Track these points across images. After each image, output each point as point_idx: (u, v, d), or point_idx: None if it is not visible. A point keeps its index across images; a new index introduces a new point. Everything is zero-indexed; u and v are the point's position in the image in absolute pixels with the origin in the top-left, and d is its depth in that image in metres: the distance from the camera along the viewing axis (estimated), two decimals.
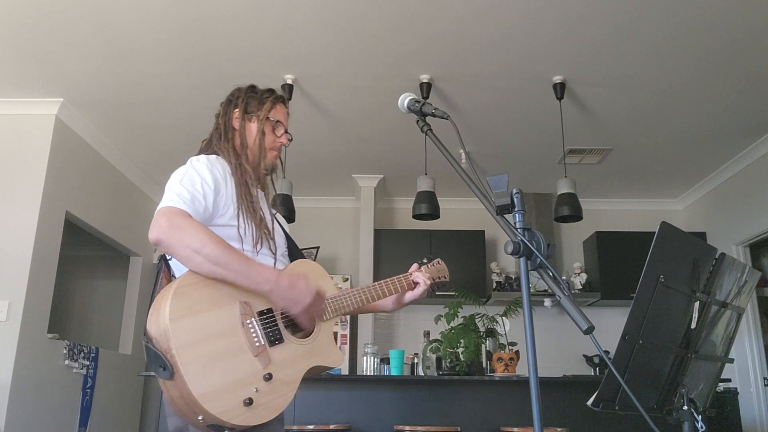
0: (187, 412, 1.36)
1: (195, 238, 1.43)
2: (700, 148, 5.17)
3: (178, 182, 1.55)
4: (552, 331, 5.93)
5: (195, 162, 1.60)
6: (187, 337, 1.36)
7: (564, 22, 3.52)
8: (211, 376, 1.35)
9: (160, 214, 1.47)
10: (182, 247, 1.43)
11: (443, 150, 1.53)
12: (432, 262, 2.00)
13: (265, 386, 1.42)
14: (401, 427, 3.26)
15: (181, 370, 1.32)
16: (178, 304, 1.38)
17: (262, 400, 1.40)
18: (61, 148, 4.59)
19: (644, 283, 1.50)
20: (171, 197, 1.51)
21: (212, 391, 1.34)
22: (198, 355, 1.35)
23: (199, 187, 1.54)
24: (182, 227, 1.45)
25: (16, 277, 4.17)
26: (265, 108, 1.78)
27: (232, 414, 1.35)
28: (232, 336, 1.43)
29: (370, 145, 5.23)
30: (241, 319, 1.46)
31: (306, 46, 3.78)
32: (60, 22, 3.54)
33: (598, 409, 1.50)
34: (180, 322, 1.36)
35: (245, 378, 1.40)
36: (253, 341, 1.45)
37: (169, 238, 1.43)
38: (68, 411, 4.68)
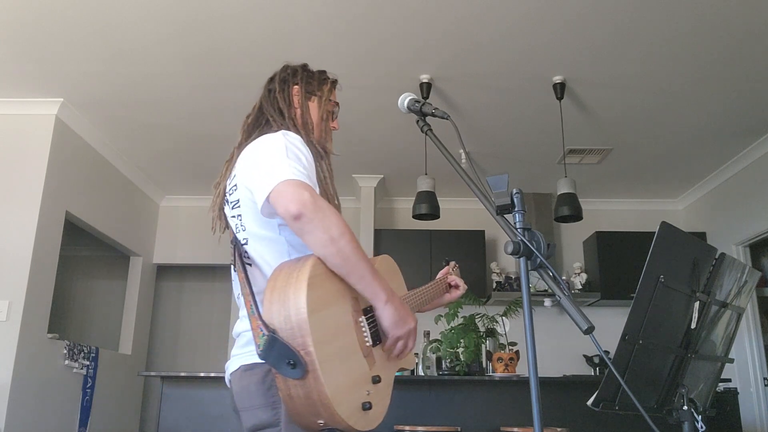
0: (306, 414, 1.24)
1: (336, 225, 1.31)
2: (700, 148, 5.17)
3: (284, 155, 1.38)
4: (552, 331, 5.93)
5: (290, 137, 1.45)
6: (322, 334, 1.22)
7: (564, 22, 3.52)
8: (340, 377, 1.25)
9: (299, 186, 1.31)
10: (322, 230, 1.29)
11: (443, 150, 1.53)
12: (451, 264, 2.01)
13: (374, 389, 1.34)
14: (401, 427, 3.26)
15: (318, 370, 1.19)
16: (313, 295, 1.24)
17: (374, 403, 1.32)
18: (61, 148, 4.59)
19: (644, 283, 1.50)
20: (291, 170, 1.34)
21: (341, 392, 1.23)
22: (330, 354, 1.24)
23: (306, 163, 1.40)
24: (324, 209, 1.31)
25: (16, 277, 4.17)
26: (326, 89, 1.69)
27: (355, 418, 1.25)
28: (348, 334, 1.32)
29: (370, 146, 5.23)
30: (354, 315, 1.36)
31: (306, 46, 3.78)
32: (60, 22, 3.54)
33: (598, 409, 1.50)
34: (315, 316, 1.22)
35: (360, 380, 1.31)
36: (364, 340, 1.36)
37: (314, 215, 1.29)
38: (68, 411, 4.68)
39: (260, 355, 1.24)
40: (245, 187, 1.44)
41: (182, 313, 6.87)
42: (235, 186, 1.49)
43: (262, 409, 1.33)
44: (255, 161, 1.42)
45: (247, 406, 1.37)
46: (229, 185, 1.53)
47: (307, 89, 1.67)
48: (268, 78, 1.73)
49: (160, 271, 6.54)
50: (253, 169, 1.42)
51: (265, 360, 1.24)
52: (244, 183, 1.45)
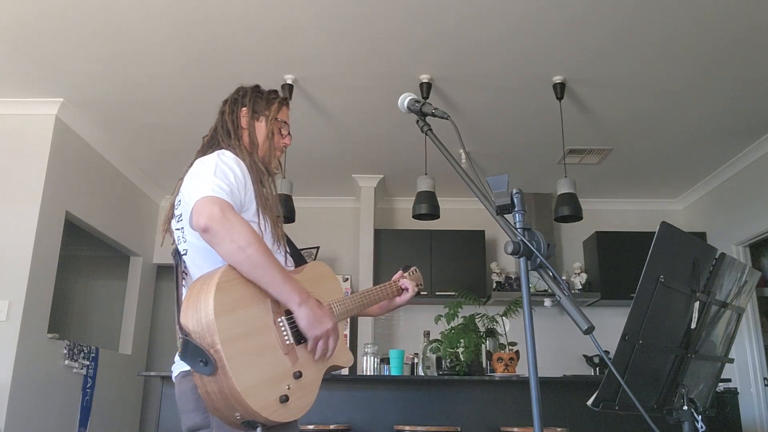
0: (223, 408, 1.35)
1: (243, 235, 1.42)
2: (700, 148, 5.17)
3: (212, 173, 1.52)
4: (552, 331, 5.93)
5: (222, 156, 1.59)
6: (230, 333, 1.34)
7: (564, 22, 3.52)
8: (252, 372, 1.35)
9: (210, 202, 1.44)
10: (230, 241, 1.41)
11: (443, 150, 1.53)
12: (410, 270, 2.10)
13: (295, 384, 1.44)
14: (401, 427, 3.26)
15: (226, 366, 1.30)
16: (221, 299, 1.36)
17: (293, 397, 1.42)
18: (61, 148, 4.59)
19: (644, 283, 1.50)
20: (212, 187, 1.48)
21: (253, 387, 1.34)
22: (240, 351, 1.35)
23: (232, 180, 1.53)
24: (232, 221, 1.43)
25: (16, 277, 4.17)
26: (273, 108, 1.81)
27: (270, 410, 1.36)
28: (266, 333, 1.44)
29: (370, 145, 5.23)
30: (273, 317, 1.47)
31: (306, 46, 3.78)
32: (60, 22, 3.54)
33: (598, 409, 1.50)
34: (223, 317, 1.35)
35: (279, 375, 1.41)
36: (284, 339, 1.47)
37: (219, 228, 1.41)
38: (68, 411, 4.69)
39: (179, 356, 1.37)
40: (186, 201, 1.58)
41: None
42: (179, 201, 1.64)
43: (195, 413, 1.47)
44: (190, 179, 1.57)
45: (184, 410, 1.51)
46: (176, 200, 1.67)
47: (254, 109, 1.79)
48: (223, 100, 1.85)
49: (160, 271, 6.54)
50: (187, 186, 1.57)
51: (183, 360, 1.37)
52: (184, 198, 1.60)
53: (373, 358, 4.07)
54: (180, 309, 1.42)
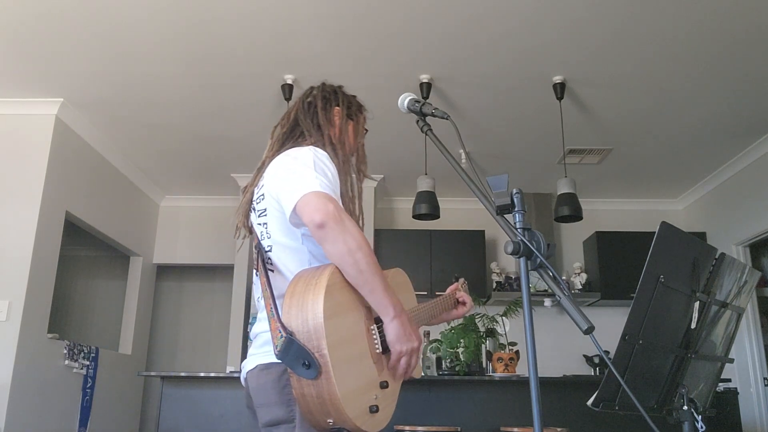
0: (317, 413, 1.31)
1: (355, 238, 1.37)
2: (700, 148, 5.17)
3: (312, 169, 1.46)
4: (552, 331, 5.93)
5: (318, 152, 1.53)
6: (335, 338, 1.31)
7: (564, 22, 3.52)
8: (351, 380, 1.33)
9: (323, 198, 1.39)
10: (342, 241, 1.36)
11: (443, 150, 1.53)
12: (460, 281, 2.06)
13: (382, 394, 1.41)
14: (401, 427, 3.26)
15: (330, 371, 1.27)
16: (329, 301, 1.32)
17: (380, 406, 1.39)
18: (61, 148, 4.59)
19: (644, 283, 1.50)
20: (319, 183, 1.42)
21: (351, 395, 1.31)
22: (342, 357, 1.32)
23: (331, 178, 1.48)
24: (346, 221, 1.38)
25: (16, 277, 4.17)
26: (363, 116, 1.83)
27: (363, 419, 1.32)
28: (360, 340, 1.41)
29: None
30: (366, 324, 1.44)
31: (306, 47, 3.78)
32: (60, 22, 3.54)
33: (598, 409, 1.50)
34: (330, 321, 1.31)
35: (369, 384, 1.39)
36: (374, 347, 1.44)
37: (335, 226, 1.36)
38: (68, 411, 4.69)
39: (278, 355, 1.32)
40: (273, 197, 1.51)
41: (182, 313, 6.87)
42: (262, 195, 1.56)
43: (278, 406, 1.40)
44: (285, 173, 1.49)
45: (264, 403, 1.44)
46: (257, 193, 1.60)
47: (347, 112, 1.78)
48: (304, 92, 1.81)
49: (160, 271, 6.54)
50: (282, 180, 1.49)
51: (281, 360, 1.32)
52: (272, 193, 1.51)
53: None
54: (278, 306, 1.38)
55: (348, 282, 1.39)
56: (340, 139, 1.70)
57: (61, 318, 6.41)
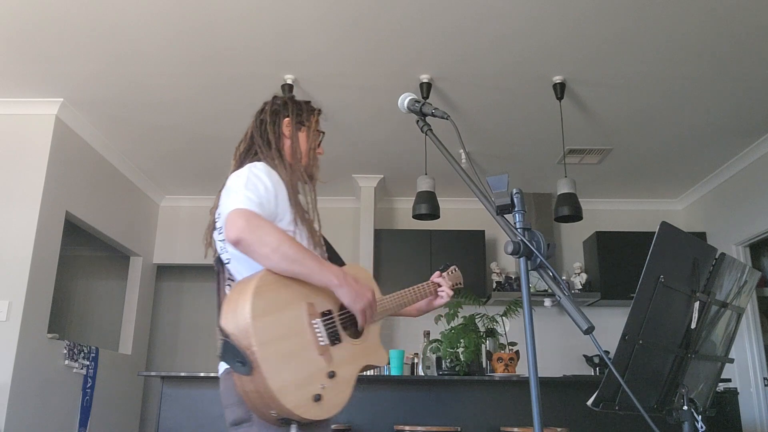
0: (260, 406, 1.43)
1: (272, 236, 1.49)
2: (700, 148, 5.17)
3: (243, 186, 1.59)
4: (552, 331, 5.93)
5: (254, 169, 1.65)
6: (266, 335, 1.42)
7: (564, 22, 3.52)
8: (286, 373, 1.42)
9: (237, 215, 1.51)
10: (261, 245, 1.48)
11: (443, 150, 1.53)
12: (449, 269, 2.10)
13: (330, 383, 1.50)
14: (401, 427, 3.26)
15: (261, 366, 1.38)
16: (258, 302, 1.44)
17: (327, 396, 1.48)
18: (61, 148, 4.59)
19: (644, 283, 1.50)
20: (241, 200, 1.55)
21: (287, 387, 1.41)
22: (275, 352, 1.42)
23: (262, 192, 1.60)
24: (260, 226, 1.50)
25: (16, 277, 4.17)
26: (313, 120, 1.87)
27: (304, 408, 1.42)
28: (301, 335, 1.50)
29: (370, 145, 5.23)
30: (308, 319, 1.53)
31: (306, 47, 3.78)
32: (60, 22, 3.54)
33: (598, 409, 1.50)
34: (260, 320, 1.42)
35: (313, 375, 1.48)
36: (318, 340, 1.53)
37: (249, 236, 1.48)
38: (68, 411, 4.69)
39: (219, 357, 1.46)
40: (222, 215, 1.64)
41: (182, 313, 6.87)
42: (219, 214, 1.71)
43: (238, 406, 1.53)
44: (225, 193, 1.65)
45: (227, 404, 1.58)
46: (216, 213, 1.74)
47: (297, 120, 1.84)
48: (258, 109, 1.88)
49: (160, 271, 6.54)
50: (223, 200, 1.66)
51: (223, 361, 1.46)
52: (221, 212, 1.66)
53: None
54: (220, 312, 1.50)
55: (283, 281, 1.51)
56: (292, 150, 1.80)
57: (61, 318, 6.41)
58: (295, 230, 1.65)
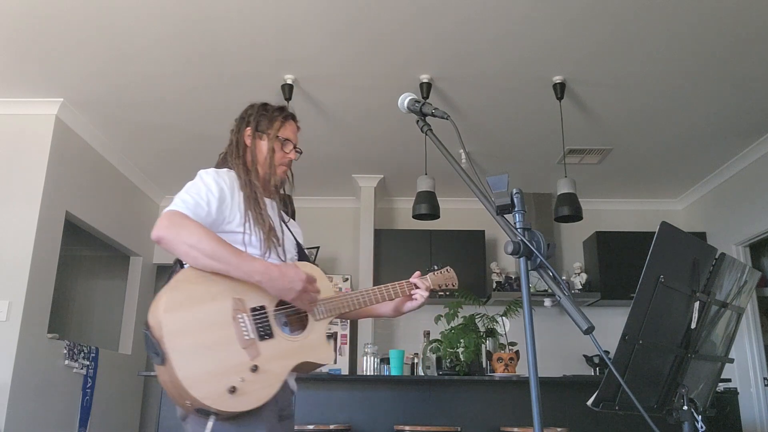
0: (177, 397, 1.48)
1: (191, 234, 1.55)
2: (700, 148, 5.17)
3: (184, 190, 1.67)
4: (552, 331, 5.93)
5: (203, 174, 1.73)
6: (178, 327, 1.48)
7: (564, 22, 3.52)
8: (198, 364, 1.47)
9: (163, 216, 1.59)
10: (180, 242, 1.55)
11: (443, 150, 1.53)
12: (441, 270, 2.07)
13: (251, 377, 1.52)
14: (401, 427, 3.26)
15: (170, 356, 1.44)
16: (173, 297, 1.52)
17: (247, 389, 1.50)
18: (61, 148, 4.59)
19: (644, 283, 1.50)
20: (176, 202, 1.63)
21: (197, 377, 1.45)
22: (187, 344, 1.47)
23: (203, 195, 1.66)
24: (180, 225, 1.57)
25: (16, 277, 4.17)
26: (274, 127, 1.88)
27: (215, 399, 1.45)
28: (223, 329, 1.54)
29: (370, 145, 5.23)
30: (232, 313, 1.56)
31: (306, 46, 3.78)
32: (60, 22, 3.54)
33: (598, 409, 1.50)
34: (173, 313, 1.49)
35: (232, 368, 1.50)
36: (242, 335, 1.55)
37: (168, 234, 1.56)
38: (68, 411, 4.68)
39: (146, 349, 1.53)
40: None
41: None
42: None
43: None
44: None
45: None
46: None
47: (257, 128, 1.88)
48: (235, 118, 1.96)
49: (160, 271, 6.54)
50: None
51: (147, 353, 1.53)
52: None
53: (373, 358, 4.07)
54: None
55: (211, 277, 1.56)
56: (252, 159, 1.84)
57: (61, 318, 6.40)
58: (244, 233, 1.69)
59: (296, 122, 1.98)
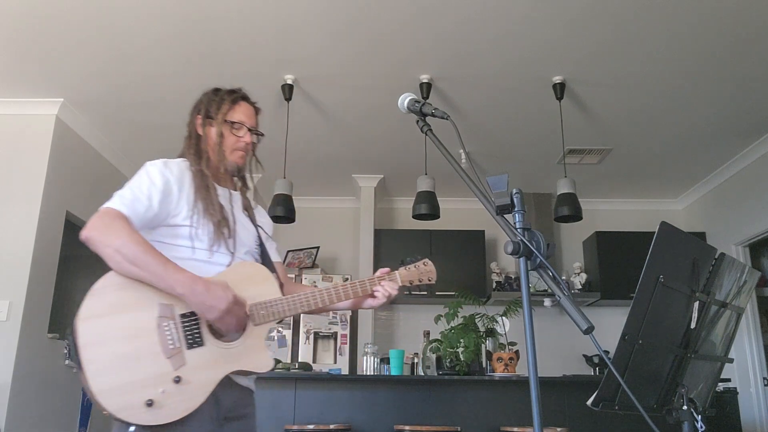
0: (96, 404, 1.41)
1: (117, 237, 1.48)
2: (700, 148, 5.17)
3: (126, 185, 1.60)
4: (552, 331, 5.93)
5: (148, 166, 1.65)
6: (93, 337, 1.42)
7: (564, 22, 3.52)
8: (113, 375, 1.40)
9: (95, 215, 1.53)
10: (104, 245, 1.49)
11: (443, 150, 1.53)
12: (416, 264, 1.91)
13: (174, 388, 1.44)
14: (401, 427, 3.26)
15: (84, 367, 1.39)
16: (91, 304, 1.46)
17: (167, 401, 1.43)
18: (61, 148, 4.59)
19: (644, 283, 1.50)
20: (113, 199, 1.56)
21: (111, 389, 1.39)
22: (102, 354, 1.41)
23: (144, 189, 1.58)
24: (109, 226, 1.51)
25: (16, 277, 4.17)
26: (222, 111, 1.79)
27: (129, 412, 1.39)
28: (145, 337, 1.46)
29: (370, 145, 5.23)
30: (157, 321, 1.48)
31: (306, 46, 3.78)
32: (60, 22, 3.54)
33: (598, 408, 1.50)
34: (89, 322, 1.43)
35: (152, 379, 1.43)
36: (167, 343, 1.47)
37: (94, 235, 1.50)
38: (68, 411, 4.68)
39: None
40: None
41: None
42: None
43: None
44: None
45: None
46: None
47: (207, 115, 1.80)
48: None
49: None
50: None
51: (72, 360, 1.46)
52: None
53: (373, 358, 4.07)
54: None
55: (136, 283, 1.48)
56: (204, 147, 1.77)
57: (61, 318, 6.39)
58: (191, 226, 1.61)
59: (252, 104, 1.89)
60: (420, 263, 1.92)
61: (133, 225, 1.54)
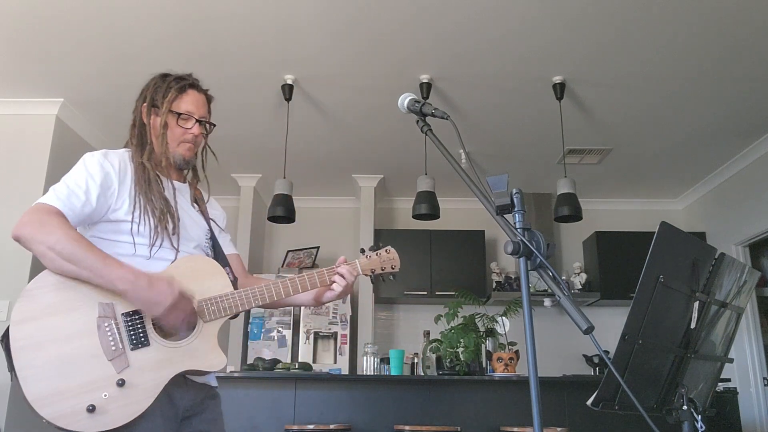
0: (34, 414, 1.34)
1: (50, 234, 1.41)
2: (700, 148, 5.17)
3: (62, 179, 1.53)
4: (552, 331, 5.93)
5: (87, 157, 1.59)
6: (27, 341, 1.34)
7: (564, 22, 3.52)
8: (49, 381, 1.32)
9: (26, 211, 1.47)
10: (37, 243, 1.42)
11: (443, 150, 1.53)
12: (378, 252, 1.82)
13: (117, 392, 1.36)
14: (401, 427, 3.26)
15: (18, 374, 1.31)
16: (24, 306, 1.38)
17: (110, 406, 1.34)
18: (62, 148, 4.59)
19: (644, 283, 1.50)
20: (48, 194, 1.50)
21: (48, 396, 1.31)
22: (37, 359, 1.33)
23: (81, 183, 1.52)
24: (42, 223, 1.44)
25: (16, 277, 4.16)
26: (168, 99, 1.69)
27: (69, 420, 1.31)
28: (84, 339, 1.38)
29: (370, 145, 5.23)
30: (97, 321, 1.40)
31: (306, 46, 3.78)
32: (60, 22, 3.54)
33: (598, 408, 1.50)
34: (22, 325, 1.36)
35: (92, 383, 1.35)
36: (109, 345, 1.39)
37: (25, 233, 1.45)
38: None
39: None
40: None
41: None
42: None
43: None
44: None
45: None
46: None
47: (152, 104, 1.71)
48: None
49: None
50: None
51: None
52: None
53: (373, 358, 4.07)
54: None
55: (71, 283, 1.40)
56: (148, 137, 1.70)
57: None
58: (132, 221, 1.53)
59: (203, 91, 1.78)
60: (382, 251, 1.83)
61: (68, 221, 1.46)
